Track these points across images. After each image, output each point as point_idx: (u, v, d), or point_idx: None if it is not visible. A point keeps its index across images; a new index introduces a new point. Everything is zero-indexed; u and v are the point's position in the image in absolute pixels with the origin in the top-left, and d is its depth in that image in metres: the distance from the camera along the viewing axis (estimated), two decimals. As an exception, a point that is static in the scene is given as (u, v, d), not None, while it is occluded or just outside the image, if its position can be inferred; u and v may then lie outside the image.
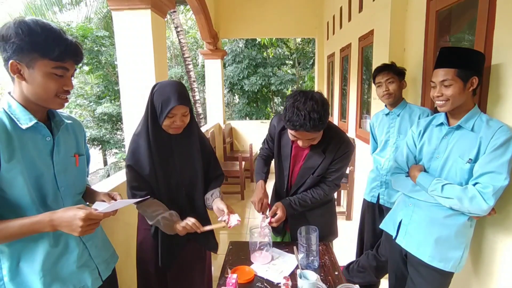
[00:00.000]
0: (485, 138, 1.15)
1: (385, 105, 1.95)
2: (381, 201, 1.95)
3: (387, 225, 1.53)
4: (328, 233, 1.59)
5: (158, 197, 1.32)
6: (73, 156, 1.04)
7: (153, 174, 1.29)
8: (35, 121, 0.89)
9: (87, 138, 1.20)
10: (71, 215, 0.84)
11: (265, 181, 1.61)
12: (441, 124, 1.32)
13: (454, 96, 1.19)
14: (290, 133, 1.33)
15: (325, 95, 5.88)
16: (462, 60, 1.19)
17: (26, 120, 0.88)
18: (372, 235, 2.04)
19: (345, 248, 2.56)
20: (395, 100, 1.87)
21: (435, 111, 1.76)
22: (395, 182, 1.46)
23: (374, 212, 2.01)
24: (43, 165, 0.92)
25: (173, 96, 1.23)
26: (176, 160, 1.34)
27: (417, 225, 1.34)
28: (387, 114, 1.94)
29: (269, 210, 1.45)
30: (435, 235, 1.27)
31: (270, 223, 1.40)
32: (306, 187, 1.49)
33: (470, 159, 1.18)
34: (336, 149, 1.39)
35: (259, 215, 1.47)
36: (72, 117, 1.13)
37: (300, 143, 1.35)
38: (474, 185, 1.15)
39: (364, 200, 2.09)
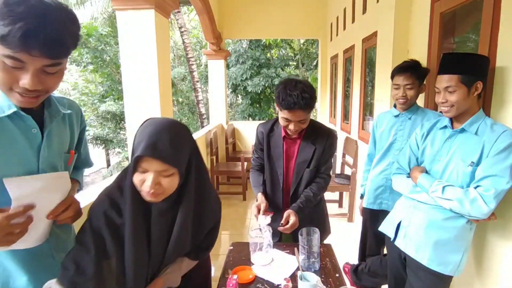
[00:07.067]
0: (488, 142, 1.14)
1: (394, 106, 1.83)
2: (384, 207, 1.86)
3: (385, 227, 1.52)
4: (320, 231, 1.60)
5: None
6: (68, 153, 0.91)
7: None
8: (15, 109, 0.76)
9: (91, 137, 1.12)
10: None
11: (263, 193, 1.60)
12: (445, 127, 1.31)
13: (458, 102, 1.19)
14: (283, 117, 1.42)
15: (328, 97, 5.83)
16: (465, 66, 1.18)
17: (4, 108, 0.76)
18: (375, 240, 1.97)
19: (347, 250, 2.55)
20: (410, 106, 1.75)
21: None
22: (396, 182, 1.46)
23: (378, 218, 1.87)
24: (25, 160, 0.80)
25: (146, 140, 0.82)
26: (152, 236, 0.92)
27: (416, 228, 1.33)
28: (396, 116, 1.80)
29: (270, 215, 1.46)
30: (434, 238, 1.26)
31: (285, 229, 1.42)
32: (305, 182, 1.55)
33: (472, 162, 1.17)
34: (325, 140, 1.52)
35: (260, 216, 1.46)
36: (73, 103, 0.98)
37: (291, 127, 1.42)
38: (475, 188, 1.14)
39: (366, 208, 1.98)
